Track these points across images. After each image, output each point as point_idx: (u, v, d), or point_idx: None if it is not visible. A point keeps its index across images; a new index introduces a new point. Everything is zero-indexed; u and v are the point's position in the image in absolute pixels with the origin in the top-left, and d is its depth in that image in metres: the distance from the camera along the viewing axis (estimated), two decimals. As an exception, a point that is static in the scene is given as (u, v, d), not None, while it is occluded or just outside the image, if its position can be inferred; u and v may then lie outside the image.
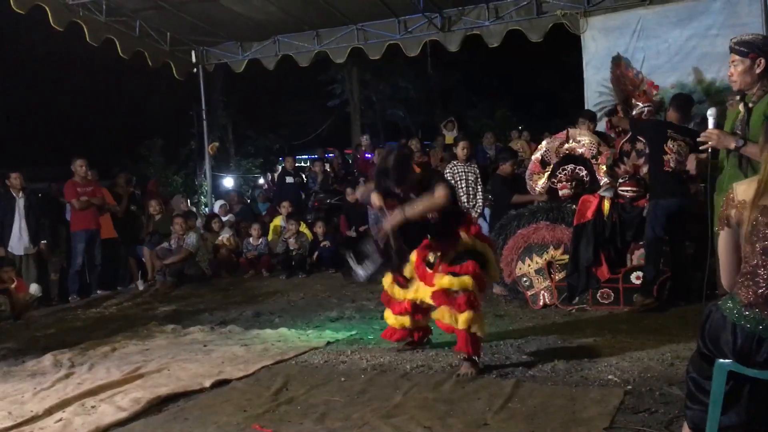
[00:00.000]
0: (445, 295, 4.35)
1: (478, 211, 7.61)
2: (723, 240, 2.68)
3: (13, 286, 7.66)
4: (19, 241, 8.51)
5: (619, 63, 8.59)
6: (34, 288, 8.14)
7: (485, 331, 4.50)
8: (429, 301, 4.48)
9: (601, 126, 8.11)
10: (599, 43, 8.89)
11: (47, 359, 5.35)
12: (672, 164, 5.76)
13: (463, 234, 4.47)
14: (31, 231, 8.58)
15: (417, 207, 4.26)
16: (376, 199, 4.40)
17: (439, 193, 4.22)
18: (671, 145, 5.79)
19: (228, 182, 18.82)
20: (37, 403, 4.12)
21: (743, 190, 2.60)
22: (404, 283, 4.71)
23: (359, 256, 4.56)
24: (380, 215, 4.47)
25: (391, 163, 4.28)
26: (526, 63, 20.01)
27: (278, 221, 10.57)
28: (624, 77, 8.51)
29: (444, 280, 4.35)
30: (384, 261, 4.50)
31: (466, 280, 4.29)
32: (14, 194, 8.61)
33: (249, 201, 14.40)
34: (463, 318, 4.24)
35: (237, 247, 10.35)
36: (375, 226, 8.51)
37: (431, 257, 4.58)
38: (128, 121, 20.52)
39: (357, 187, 8.49)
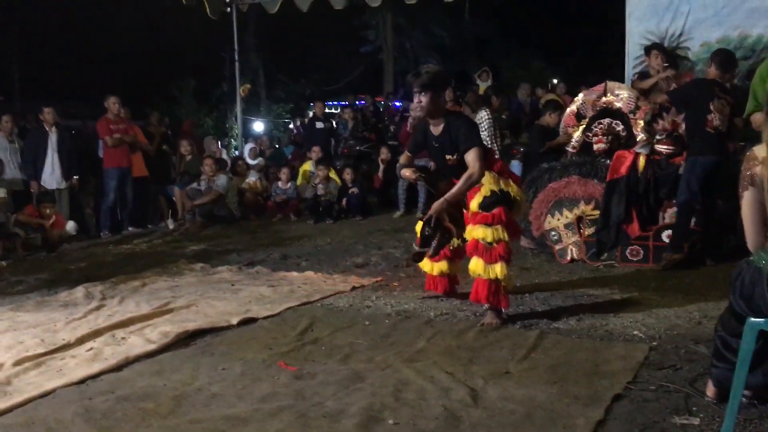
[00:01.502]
0: (478, 246, 4.28)
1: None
2: (748, 200, 2.63)
3: (50, 222, 7.82)
4: (51, 175, 8.66)
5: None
6: (70, 225, 8.30)
7: (512, 284, 4.48)
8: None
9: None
10: (644, -7, 8.58)
11: (79, 291, 5.49)
12: (715, 122, 5.62)
13: (486, 173, 4.32)
14: (63, 166, 8.72)
15: (455, 191, 4.26)
16: (408, 173, 4.62)
17: (473, 168, 4.19)
18: (717, 104, 5.63)
19: (258, 126, 18.83)
20: (69, 332, 4.23)
21: (764, 148, 2.56)
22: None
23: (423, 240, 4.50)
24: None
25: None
26: (565, 13, 19.51)
27: (307, 166, 10.58)
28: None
29: (477, 232, 4.27)
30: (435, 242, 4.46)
31: (500, 230, 4.22)
32: (47, 129, 8.71)
33: (277, 146, 14.42)
34: (496, 269, 4.21)
35: (265, 191, 10.40)
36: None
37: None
38: (161, 61, 20.51)
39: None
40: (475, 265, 4.28)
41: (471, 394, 3.06)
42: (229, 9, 11.76)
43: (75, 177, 8.87)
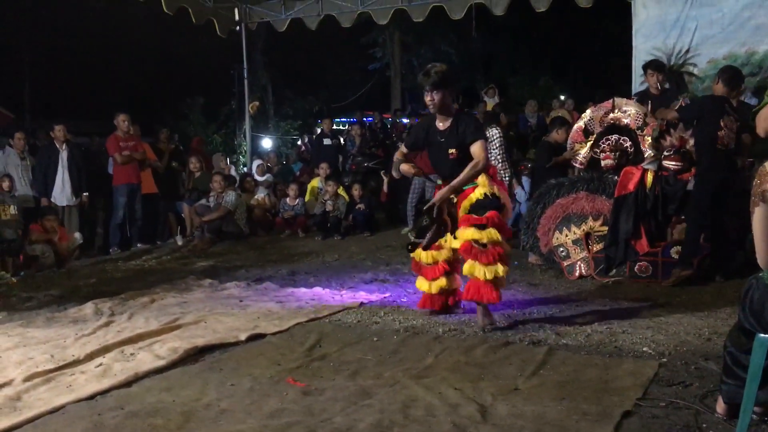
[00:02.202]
0: (471, 249, 4.41)
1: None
2: (759, 216, 2.63)
3: (57, 237, 7.88)
4: (62, 192, 8.72)
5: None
6: (76, 235, 8.36)
7: (504, 285, 4.64)
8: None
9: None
10: (650, 11, 8.64)
11: (88, 307, 5.51)
12: (725, 140, 5.63)
13: (481, 177, 4.50)
14: (73, 182, 8.78)
15: (462, 178, 4.40)
16: (407, 167, 4.76)
17: (479, 157, 4.38)
18: (726, 120, 5.64)
19: (266, 143, 18.92)
20: (79, 348, 4.25)
21: None
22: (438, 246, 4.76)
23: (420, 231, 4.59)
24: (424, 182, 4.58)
25: None
26: (572, 31, 19.59)
27: (316, 182, 10.61)
28: None
29: (468, 233, 4.40)
30: (430, 233, 4.53)
31: (492, 232, 4.36)
32: (58, 146, 8.79)
33: (285, 162, 14.47)
34: (498, 269, 4.38)
35: (273, 207, 10.44)
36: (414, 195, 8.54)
37: (453, 198, 4.62)
38: (171, 79, 20.69)
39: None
40: (471, 267, 4.44)
41: (480, 410, 3.05)
42: (238, 27, 11.88)
43: (85, 194, 8.93)
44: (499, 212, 4.49)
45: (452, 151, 4.54)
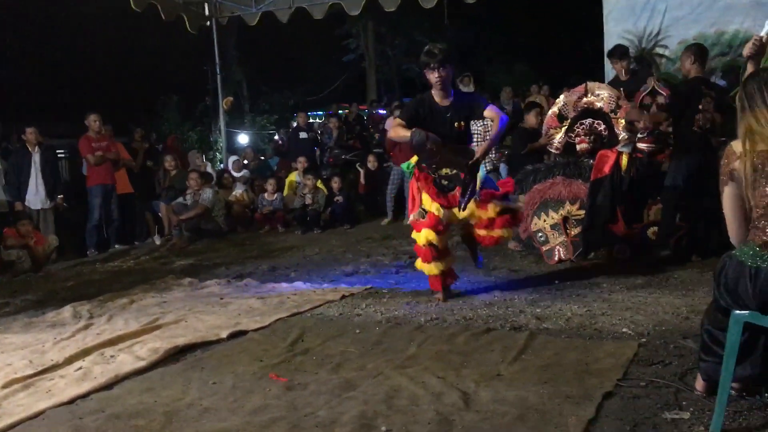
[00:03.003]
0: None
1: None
2: (728, 195, 2.66)
3: (32, 241, 7.78)
4: (35, 195, 8.60)
5: None
6: (52, 238, 8.26)
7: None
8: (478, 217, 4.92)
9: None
10: (621, -7, 8.68)
11: (67, 310, 5.45)
12: (701, 122, 5.68)
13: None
14: (47, 185, 8.66)
15: (496, 135, 4.82)
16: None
17: (500, 115, 4.78)
18: (704, 103, 5.69)
19: (243, 138, 18.78)
20: (58, 353, 4.20)
21: (739, 143, 2.60)
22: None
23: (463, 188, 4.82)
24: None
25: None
26: (545, 16, 19.67)
27: (293, 177, 10.57)
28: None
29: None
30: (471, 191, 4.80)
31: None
32: (30, 149, 8.66)
33: (263, 157, 14.38)
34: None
35: (251, 203, 10.39)
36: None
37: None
38: (144, 77, 20.43)
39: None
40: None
41: (463, 397, 3.07)
42: (208, 23, 11.75)
43: (60, 196, 8.81)
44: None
45: (458, 124, 4.82)
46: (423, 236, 4.91)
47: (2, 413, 3.24)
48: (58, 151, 10.33)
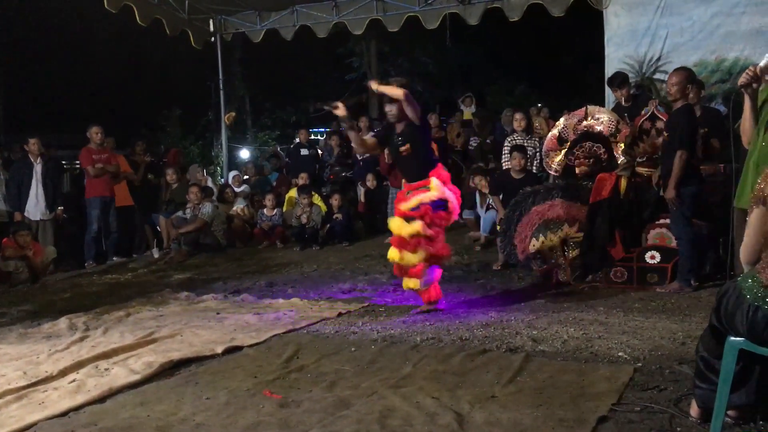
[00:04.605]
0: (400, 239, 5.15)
1: None
2: (755, 218, 2.64)
3: (30, 252, 7.78)
4: (36, 206, 8.62)
5: None
6: (50, 250, 8.27)
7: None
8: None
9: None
10: (622, 20, 8.77)
11: (62, 322, 5.44)
12: (698, 152, 5.69)
13: (434, 180, 5.14)
14: (48, 196, 8.67)
15: (385, 88, 5.21)
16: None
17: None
18: (701, 132, 5.72)
19: (244, 154, 18.85)
20: (52, 364, 4.18)
21: None
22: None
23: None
24: None
25: None
26: (547, 39, 19.78)
27: (293, 193, 10.57)
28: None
29: (396, 224, 5.15)
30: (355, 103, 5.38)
31: (417, 226, 5.00)
32: (32, 160, 8.69)
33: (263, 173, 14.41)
34: (416, 256, 5.08)
35: (251, 218, 10.39)
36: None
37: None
38: (147, 91, 20.54)
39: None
40: (394, 255, 5.21)
41: (457, 419, 3.05)
42: (213, 38, 11.84)
43: (60, 208, 8.83)
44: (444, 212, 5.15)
45: (403, 148, 5.27)
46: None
47: (-6, 424, 3.22)
48: (62, 162, 10.38)
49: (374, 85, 5.28)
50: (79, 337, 4.90)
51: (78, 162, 10.23)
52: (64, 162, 11.99)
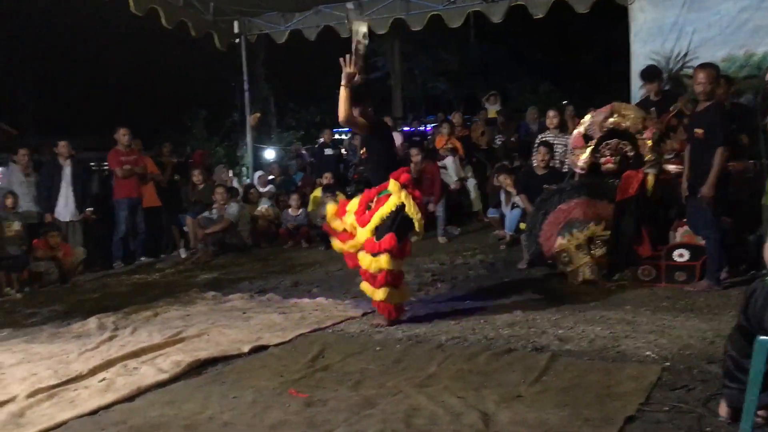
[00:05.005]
0: (366, 273, 4.97)
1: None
2: None
3: (60, 253, 7.91)
4: (65, 207, 8.75)
5: None
6: (79, 250, 8.40)
7: (405, 298, 5.20)
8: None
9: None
10: (648, 15, 8.65)
11: (92, 322, 5.52)
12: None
13: (392, 182, 4.93)
14: (77, 198, 8.80)
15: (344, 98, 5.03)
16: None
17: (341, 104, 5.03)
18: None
19: (269, 154, 18.93)
20: (82, 363, 4.26)
21: None
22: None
23: None
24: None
25: None
26: (569, 36, 19.62)
27: (318, 192, 10.61)
28: None
29: (365, 261, 4.92)
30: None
31: (383, 261, 4.81)
32: (61, 162, 8.83)
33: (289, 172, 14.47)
34: (380, 293, 4.87)
35: (276, 218, 10.45)
36: None
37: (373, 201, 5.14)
38: (172, 93, 20.77)
39: None
40: (365, 287, 5.05)
41: (482, 418, 3.05)
42: (237, 40, 11.92)
43: (89, 209, 8.96)
44: (405, 228, 4.93)
45: (362, 150, 5.45)
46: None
47: (26, 422, 3.29)
48: (91, 164, 10.54)
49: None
50: (108, 337, 4.98)
51: (106, 164, 10.36)
52: (92, 164, 12.14)
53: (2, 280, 7.25)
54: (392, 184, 4.93)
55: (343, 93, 4.98)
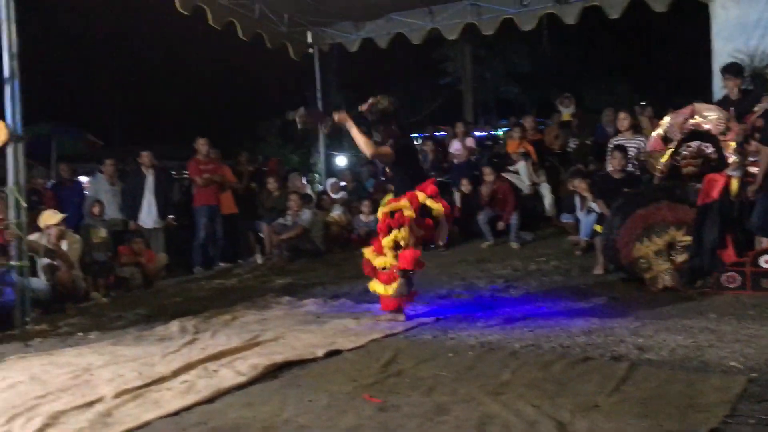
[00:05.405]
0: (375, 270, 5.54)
1: None
2: None
3: (144, 259, 8.24)
4: (148, 215, 9.10)
5: None
6: (162, 256, 8.72)
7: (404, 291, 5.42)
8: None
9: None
10: (730, 12, 8.35)
11: (174, 325, 5.72)
12: None
13: (419, 193, 5.40)
14: (159, 205, 9.15)
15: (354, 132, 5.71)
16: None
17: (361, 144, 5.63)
18: None
19: (341, 161, 19.18)
20: (165, 366, 4.41)
21: None
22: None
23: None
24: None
25: None
26: (646, 35, 19.08)
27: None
28: None
29: (379, 261, 5.54)
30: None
31: (387, 260, 5.45)
32: (144, 171, 9.20)
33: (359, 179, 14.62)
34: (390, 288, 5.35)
35: (348, 224, 10.56)
36: None
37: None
38: (249, 103, 21.36)
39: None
40: (373, 284, 5.53)
41: (558, 428, 3.00)
42: (311, 50, 12.14)
43: (170, 216, 9.29)
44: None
45: (388, 170, 5.87)
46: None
47: (113, 422, 3.43)
48: (172, 172, 10.94)
49: (336, 117, 5.74)
50: (189, 340, 5.14)
51: (186, 172, 10.74)
52: (173, 172, 12.61)
53: (89, 284, 7.60)
54: (421, 196, 5.41)
55: (352, 133, 5.70)
